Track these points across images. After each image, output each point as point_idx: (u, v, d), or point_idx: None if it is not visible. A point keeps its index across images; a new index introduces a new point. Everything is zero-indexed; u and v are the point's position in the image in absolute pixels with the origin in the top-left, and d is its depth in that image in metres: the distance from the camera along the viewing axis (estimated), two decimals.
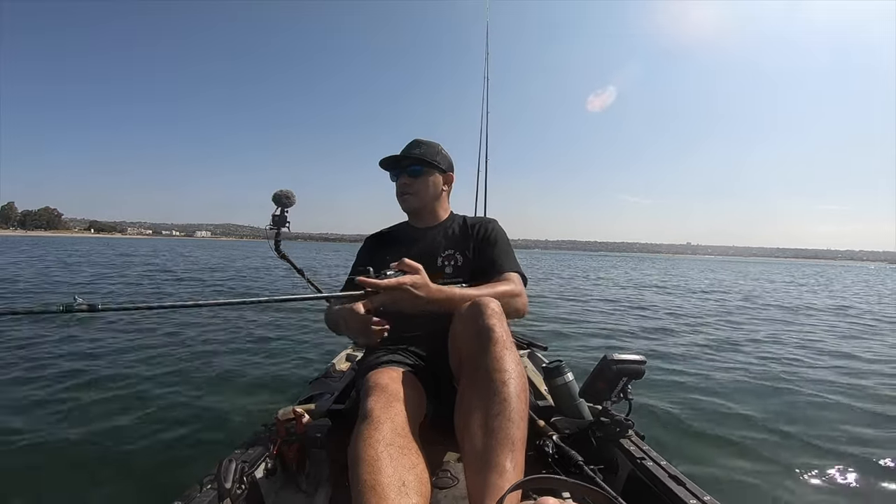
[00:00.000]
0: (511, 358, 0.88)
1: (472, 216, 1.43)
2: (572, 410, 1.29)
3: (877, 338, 5.52)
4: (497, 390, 0.83)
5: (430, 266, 1.26)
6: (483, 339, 0.90)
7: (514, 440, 0.78)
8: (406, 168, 1.31)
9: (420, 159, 1.30)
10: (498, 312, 0.95)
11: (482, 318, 0.93)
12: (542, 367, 1.44)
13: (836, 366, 3.91)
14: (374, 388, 0.90)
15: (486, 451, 0.77)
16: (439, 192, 1.36)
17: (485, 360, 0.87)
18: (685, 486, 0.91)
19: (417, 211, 1.36)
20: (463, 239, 1.32)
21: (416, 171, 1.31)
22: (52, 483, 1.75)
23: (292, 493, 1.04)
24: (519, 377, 0.86)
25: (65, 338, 4.02)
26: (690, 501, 0.86)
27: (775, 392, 3.06)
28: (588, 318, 6.45)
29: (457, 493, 1.02)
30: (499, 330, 0.91)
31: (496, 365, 0.86)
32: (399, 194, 1.34)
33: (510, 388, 0.83)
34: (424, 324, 1.18)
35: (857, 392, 3.12)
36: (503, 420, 0.79)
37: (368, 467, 0.71)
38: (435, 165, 1.33)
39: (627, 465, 1.07)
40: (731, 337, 5.20)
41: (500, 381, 0.84)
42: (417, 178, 1.31)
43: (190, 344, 4.07)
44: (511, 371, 0.86)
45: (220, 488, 0.86)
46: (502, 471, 0.74)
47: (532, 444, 1.13)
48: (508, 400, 0.82)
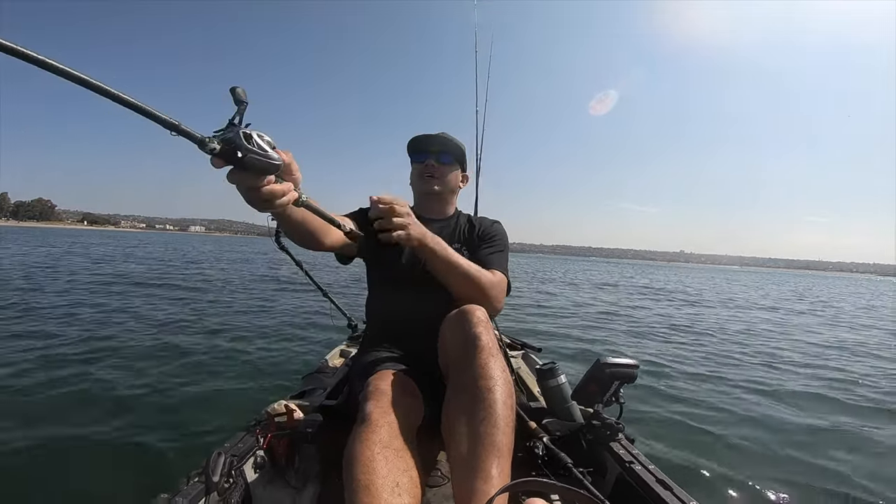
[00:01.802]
0: (497, 365, 0.88)
1: (478, 216, 1.44)
2: (564, 413, 1.29)
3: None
4: (483, 397, 0.83)
5: None
6: (469, 347, 0.90)
7: (499, 446, 0.79)
8: (435, 153, 1.31)
9: (454, 149, 1.32)
10: (484, 321, 0.96)
11: (469, 325, 0.94)
12: (536, 369, 1.44)
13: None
14: (374, 392, 0.90)
15: (472, 457, 0.77)
16: (456, 187, 1.37)
17: (471, 367, 0.88)
18: (672, 490, 0.92)
19: (437, 197, 1.34)
20: (470, 236, 1.34)
21: (447, 159, 1.32)
22: (38, 479, 1.73)
23: (280, 488, 1.03)
24: (505, 384, 0.86)
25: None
26: None
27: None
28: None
29: (446, 492, 1.03)
30: (485, 338, 0.91)
31: (482, 372, 0.86)
32: (422, 176, 1.31)
33: (496, 394, 0.83)
34: (418, 319, 1.18)
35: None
36: (489, 426, 0.80)
37: (364, 468, 0.72)
38: (462, 161, 1.35)
39: (616, 469, 1.08)
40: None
41: (485, 387, 0.84)
42: (445, 165, 1.31)
43: (180, 335, 4.05)
44: (497, 378, 0.86)
45: (207, 482, 0.85)
46: (488, 476, 0.74)
47: (522, 445, 1.13)
48: (494, 406, 0.82)
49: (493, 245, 1.28)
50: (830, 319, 9.12)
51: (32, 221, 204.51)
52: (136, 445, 1.96)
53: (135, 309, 5.31)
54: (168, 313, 5.18)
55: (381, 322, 1.27)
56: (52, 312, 4.78)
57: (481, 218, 1.41)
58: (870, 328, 7.96)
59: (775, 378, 3.79)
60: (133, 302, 5.87)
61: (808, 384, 3.65)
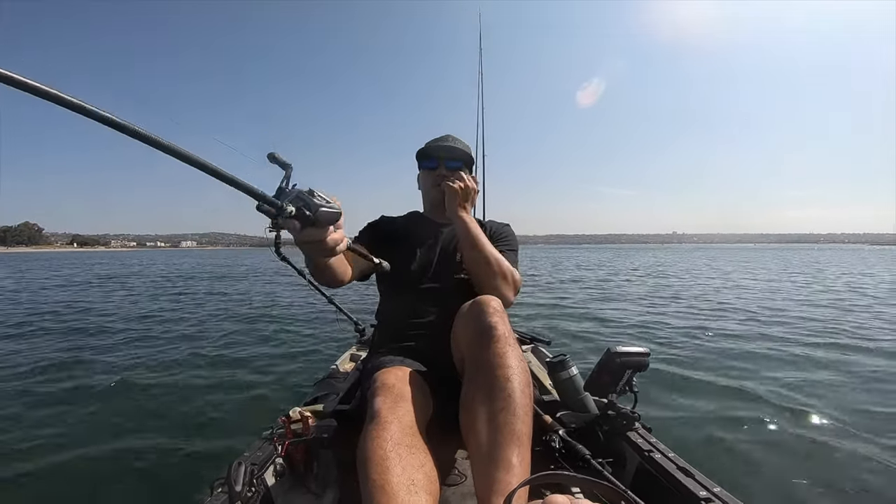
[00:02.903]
0: (513, 354, 0.89)
1: (487, 219, 1.49)
2: (578, 404, 1.29)
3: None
4: (501, 386, 0.83)
5: (449, 261, 1.27)
6: (485, 337, 0.91)
7: (519, 435, 0.79)
8: (445, 160, 1.35)
9: (462, 154, 1.36)
10: (499, 310, 0.96)
11: (484, 315, 0.94)
12: (546, 362, 1.44)
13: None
14: (381, 388, 0.89)
15: (492, 446, 0.77)
16: None
17: (487, 356, 0.88)
18: (694, 477, 0.92)
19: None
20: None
21: (456, 165, 1.35)
22: (59, 493, 1.74)
23: (301, 495, 1.03)
24: (522, 373, 0.87)
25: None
26: (700, 493, 0.86)
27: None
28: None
29: (465, 490, 1.02)
30: (501, 327, 0.92)
31: (499, 361, 0.86)
32: (434, 183, 1.36)
33: (514, 383, 0.84)
34: (429, 321, 1.18)
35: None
36: (508, 415, 0.80)
37: (377, 467, 0.71)
38: (469, 163, 1.38)
39: (636, 459, 1.07)
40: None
41: (503, 377, 0.84)
42: (454, 171, 1.35)
43: (194, 350, 4.05)
44: (514, 367, 0.86)
45: (230, 492, 0.85)
46: (509, 466, 0.74)
47: (539, 439, 1.13)
48: (512, 395, 0.82)
49: (507, 244, 1.33)
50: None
51: (21, 247, 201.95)
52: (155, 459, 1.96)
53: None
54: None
55: (391, 325, 1.28)
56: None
57: (491, 221, 1.45)
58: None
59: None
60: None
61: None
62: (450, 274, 1.26)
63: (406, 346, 1.18)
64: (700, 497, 0.85)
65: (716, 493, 0.86)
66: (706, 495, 0.85)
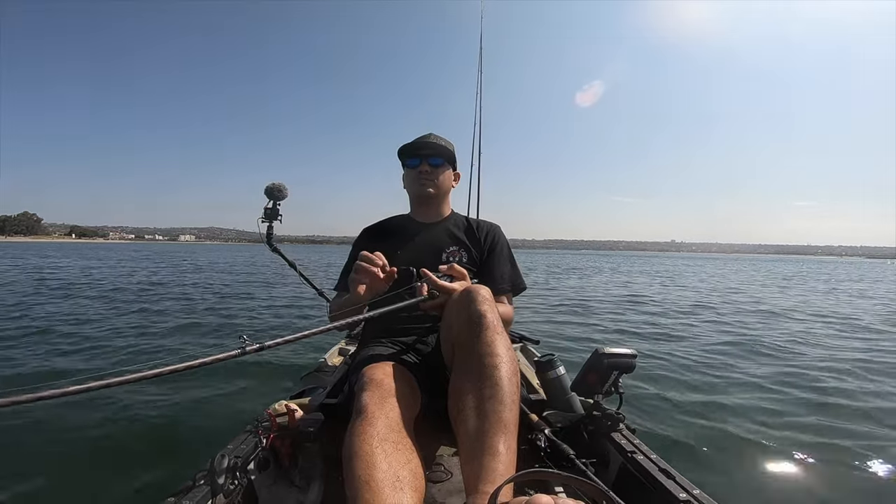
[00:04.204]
0: (502, 343, 0.89)
1: (474, 217, 1.47)
2: (564, 404, 1.30)
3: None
4: (489, 374, 0.84)
5: (434, 260, 1.28)
6: (474, 325, 0.91)
7: (506, 423, 0.79)
8: (427, 157, 1.36)
9: (444, 151, 1.37)
10: (489, 299, 0.97)
11: (474, 304, 0.95)
12: (534, 361, 1.44)
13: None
14: (368, 384, 0.90)
15: (480, 434, 0.77)
16: (449, 187, 1.43)
17: (476, 344, 0.88)
18: (675, 479, 0.93)
19: (432, 199, 1.39)
20: (468, 238, 1.37)
21: (437, 162, 1.36)
22: (40, 483, 1.71)
23: (285, 488, 1.03)
24: (510, 361, 0.87)
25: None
26: (680, 495, 0.87)
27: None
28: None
29: (451, 488, 1.02)
30: (490, 316, 0.92)
31: (487, 349, 0.87)
32: (416, 181, 1.37)
33: (501, 371, 0.84)
34: (417, 317, 1.19)
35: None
36: (495, 403, 0.80)
37: (363, 463, 0.71)
38: (452, 161, 1.40)
39: (619, 459, 1.08)
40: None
41: (491, 364, 0.85)
42: (437, 168, 1.36)
43: (178, 338, 4.03)
44: (502, 355, 0.87)
45: (212, 484, 0.84)
46: (495, 453, 0.74)
47: (524, 437, 1.13)
48: (500, 383, 0.83)
49: (501, 257, 1.36)
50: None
51: (20, 236, 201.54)
52: (137, 449, 1.95)
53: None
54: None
55: (379, 319, 1.28)
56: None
57: (480, 221, 1.44)
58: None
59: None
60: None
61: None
62: (436, 271, 1.26)
63: (394, 342, 1.18)
64: (680, 499, 0.86)
65: (695, 494, 0.87)
66: (686, 497, 0.86)
